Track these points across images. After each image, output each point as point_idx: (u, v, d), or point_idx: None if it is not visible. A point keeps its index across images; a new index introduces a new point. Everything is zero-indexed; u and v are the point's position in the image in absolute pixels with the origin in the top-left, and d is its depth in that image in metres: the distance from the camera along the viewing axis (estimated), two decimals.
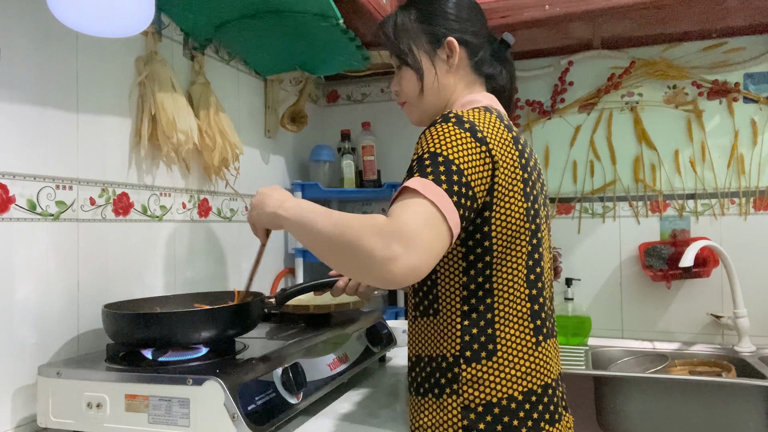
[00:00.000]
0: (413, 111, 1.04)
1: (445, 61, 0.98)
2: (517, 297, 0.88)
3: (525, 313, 0.88)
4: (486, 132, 0.84)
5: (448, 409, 0.85)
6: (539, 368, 0.88)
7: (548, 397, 0.88)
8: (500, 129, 0.86)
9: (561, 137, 1.86)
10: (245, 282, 1.10)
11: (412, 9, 1.01)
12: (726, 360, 1.57)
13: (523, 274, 0.88)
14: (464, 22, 0.99)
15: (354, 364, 1.14)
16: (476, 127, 0.83)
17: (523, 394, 0.85)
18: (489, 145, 0.83)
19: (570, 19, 1.47)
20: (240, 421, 0.77)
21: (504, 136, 0.86)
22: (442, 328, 0.88)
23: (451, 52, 0.97)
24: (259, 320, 1.00)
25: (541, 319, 0.90)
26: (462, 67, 0.99)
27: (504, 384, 0.85)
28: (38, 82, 0.97)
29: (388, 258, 0.71)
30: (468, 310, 0.86)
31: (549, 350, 0.91)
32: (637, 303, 1.77)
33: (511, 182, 0.85)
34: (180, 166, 1.30)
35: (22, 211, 0.93)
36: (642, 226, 1.78)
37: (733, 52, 1.71)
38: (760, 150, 1.69)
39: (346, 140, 1.92)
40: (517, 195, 0.86)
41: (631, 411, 1.41)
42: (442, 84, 0.99)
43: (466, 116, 0.85)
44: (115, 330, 0.91)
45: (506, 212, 0.85)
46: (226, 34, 1.38)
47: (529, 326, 0.88)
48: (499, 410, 0.84)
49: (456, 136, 0.82)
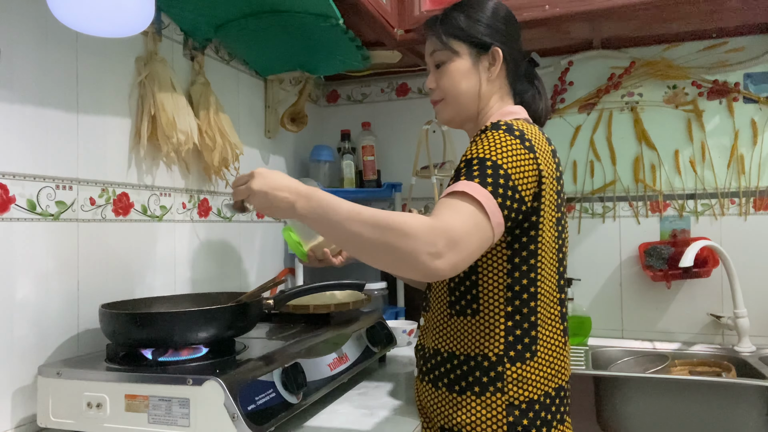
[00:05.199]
0: (447, 110, 1.05)
1: (487, 69, 1.01)
2: (551, 300, 0.94)
3: (557, 316, 0.95)
4: (534, 141, 0.88)
5: (492, 407, 0.89)
6: (566, 365, 0.96)
7: (568, 391, 0.96)
8: (544, 141, 0.92)
9: (561, 137, 1.86)
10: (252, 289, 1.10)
11: (462, 12, 1.02)
12: (726, 360, 1.57)
13: (555, 279, 0.94)
14: (509, 36, 1.02)
15: (354, 364, 1.14)
16: (525, 135, 0.88)
17: (555, 390, 0.92)
18: (536, 153, 0.87)
19: (570, 19, 1.47)
20: (240, 421, 0.77)
21: (546, 148, 0.91)
22: (483, 327, 0.91)
23: (494, 61, 1.00)
24: (258, 320, 1.01)
25: (566, 321, 0.98)
26: (500, 78, 1.02)
27: (543, 382, 0.91)
28: (38, 82, 0.97)
29: (433, 253, 0.74)
30: (512, 311, 0.90)
31: (569, 349, 0.99)
32: (637, 303, 1.77)
33: (551, 192, 0.90)
34: (180, 166, 1.30)
35: (22, 211, 0.93)
36: (642, 226, 1.78)
37: (733, 52, 1.71)
38: (760, 150, 1.69)
39: (346, 140, 1.92)
40: (552, 204, 0.91)
41: (631, 411, 1.41)
42: (479, 90, 1.01)
43: (515, 125, 0.89)
44: (112, 330, 0.91)
45: (548, 219, 0.91)
46: (226, 34, 1.38)
47: (559, 328, 0.95)
48: (539, 406, 0.90)
49: (506, 142, 0.85)
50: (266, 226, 1.67)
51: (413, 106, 2.01)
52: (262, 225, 1.65)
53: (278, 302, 1.12)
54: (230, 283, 1.49)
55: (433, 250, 0.74)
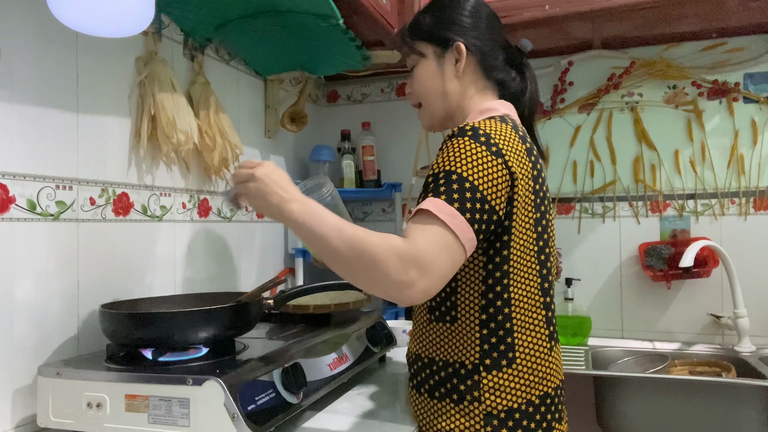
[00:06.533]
0: (423, 115, 1.05)
1: (453, 65, 0.99)
2: (532, 305, 0.90)
3: (540, 321, 0.91)
4: (502, 144, 0.85)
5: (470, 416, 0.87)
6: (553, 372, 0.91)
7: (558, 397, 0.91)
8: (515, 140, 0.88)
9: (561, 137, 1.86)
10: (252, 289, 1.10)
11: (428, 13, 1.02)
12: (726, 360, 1.57)
13: (537, 283, 0.91)
14: (476, 29, 1.00)
15: (354, 364, 1.14)
16: (491, 139, 0.84)
17: (539, 398, 0.88)
18: (505, 156, 0.84)
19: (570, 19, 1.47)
20: (240, 421, 0.77)
21: (518, 147, 0.87)
22: (461, 335, 0.89)
23: (459, 56, 0.98)
24: (258, 320, 1.00)
25: (553, 325, 0.93)
26: (471, 73, 0.99)
27: (524, 390, 0.87)
28: (38, 82, 0.97)
29: (404, 282, 0.75)
30: (486, 319, 0.88)
31: (558, 354, 0.95)
32: (637, 303, 1.77)
33: (525, 193, 0.87)
34: (180, 166, 1.30)
35: (22, 211, 0.93)
36: (642, 226, 1.78)
37: (733, 52, 1.71)
38: (760, 150, 1.69)
39: (346, 140, 1.92)
40: (528, 206, 0.88)
41: (631, 411, 1.41)
42: (447, 88, 0.99)
43: (482, 127, 0.86)
44: (112, 330, 0.91)
45: (522, 223, 0.88)
46: (226, 34, 1.38)
47: (544, 333, 0.91)
48: (520, 415, 0.86)
49: (471, 150, 0.83)
50: (266, 226, 1.67)
51: None
52: (262, 225, 1.65)
53: (278, 302, 1.12)
54: (230, 283, 1.49)
55: (405, 279, 0.74)
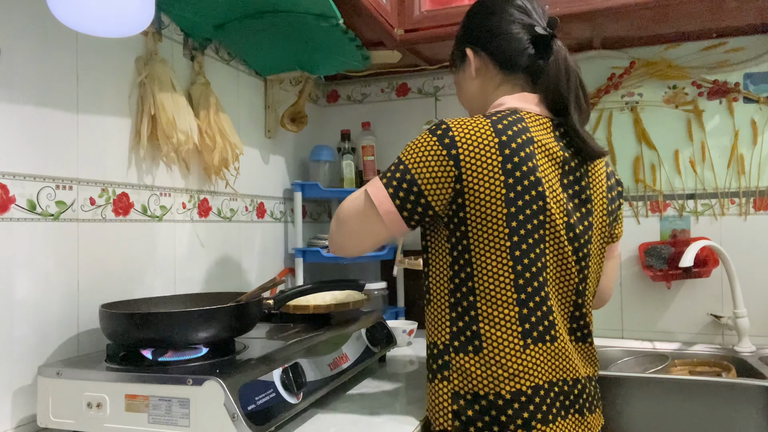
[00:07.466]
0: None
1: (468, 69, 1.04)
2: (502, 300, 0.88)
3: (513, 317, 0.88)
4: (459, 137, 0.88)
5: (439, 393, 0.91)
6: (528, 370, 0.88)
7: (541, 398, 0.88)
8: (483, 134, 0.88)
9: None
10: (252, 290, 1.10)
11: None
12: (726, 360, 1.57)
13: (510, 278, 0.88)
14: (478, 29, 1.02)
15: (354, 364, 1.14)
16: (450, 132, 0.89)
17: (511, 393, 0.87)
18: (458, 149, 0.87)
19: (570, 19, 1.47)
20: (240, 421, 0.77)
21: (485, 141, 0.88)
22: (435, 316, 0.94)
23: (470, 62, 1.03)
24: (258, 320, 1.01)
25: (532, 323, 0.89)
26: (484, 72, 1.03)
27: (491, 381, 0.88)
28: (38, 82, 0.97)
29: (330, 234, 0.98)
30: (454, 302, 0.92)
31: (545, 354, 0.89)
32: (637, 303, 1.77)
33: (488, 187, 0.87)
34: (180, 166, 1.30)
35: (22, 211, 0.93)
36: (642, 226, 1.78)
37: (733, 52, 1.71)
38: (760, 150, 1.69)
39: (346, 140, 1.92)
40: (496, 200, 0.87)
41: (631, 411, 1.41)
42: (469, 92, 1.06)
43: (451, 122, 0.91)
44: (112, 330, 0.91)
45: (483, 216, 0.87)
46: (226, 34, 1.38)
47: (516, 329, 0.88)
48: (486, 403, 0.88)
49: (424, 144, 0.90)
50: (266, 226, 1.68)
51: (413, 106, 2.01)
52: (262, 225, 1.65)
53: (278, 302, 1.12)
54: (230, 283, 1.49)
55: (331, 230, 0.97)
